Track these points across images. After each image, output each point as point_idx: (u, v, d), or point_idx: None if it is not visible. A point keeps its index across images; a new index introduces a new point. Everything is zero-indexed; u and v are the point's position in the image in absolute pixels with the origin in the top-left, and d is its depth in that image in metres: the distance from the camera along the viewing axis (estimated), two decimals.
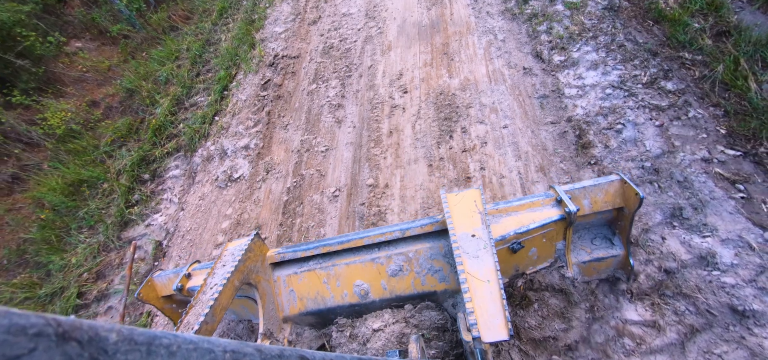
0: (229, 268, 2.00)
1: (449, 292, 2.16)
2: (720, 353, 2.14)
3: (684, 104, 3.13)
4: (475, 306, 1.58)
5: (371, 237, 2.21)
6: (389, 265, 2.20)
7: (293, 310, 2.32)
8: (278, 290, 2.35)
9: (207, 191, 4.53)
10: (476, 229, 1.88)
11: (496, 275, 1.67)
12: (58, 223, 5.01)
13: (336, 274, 2.26)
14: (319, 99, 4.71)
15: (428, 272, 2.17)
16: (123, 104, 6.58)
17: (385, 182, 3.59)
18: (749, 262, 2.34)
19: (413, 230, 2.18)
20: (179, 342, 0.46)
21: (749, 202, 2.57)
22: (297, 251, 2.31)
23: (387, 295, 2.21)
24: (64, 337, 0.35)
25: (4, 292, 4.54)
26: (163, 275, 2.63)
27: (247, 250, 2.15)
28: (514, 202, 2.18)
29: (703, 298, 2.30)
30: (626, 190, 2.06)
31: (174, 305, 2.70)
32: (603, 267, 2.35)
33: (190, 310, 1.88)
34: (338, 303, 2.26)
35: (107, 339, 0.38)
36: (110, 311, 4.12)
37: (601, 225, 2.35)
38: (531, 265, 2.30)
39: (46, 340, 0.34)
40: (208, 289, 1.95)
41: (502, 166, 3.31)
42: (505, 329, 1.50)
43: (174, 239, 4.29)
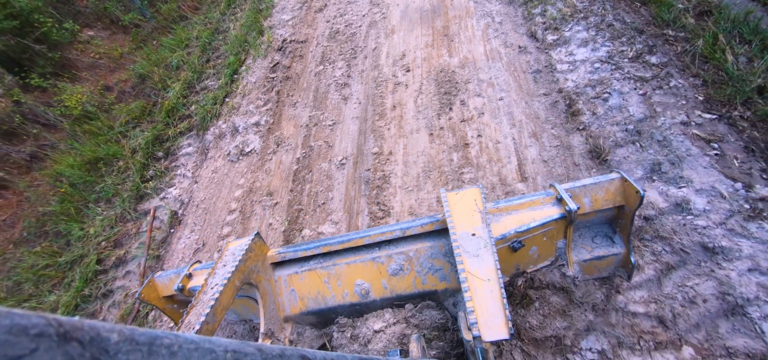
0: (230, 268, 2.00)
1: (450, 291, 2.16)
2: (692, 285, 2.40)
3: (666, 75, 3.39)
4: (476, 305, 1.58)
5: (372, 236, 2.22)
6: (390, 265, 2.19)
7: (294, 310, 2.32)
8: (279, 290, 2.35)
9: (219, 165, 4.79)
10: (476, 228, 1.88)
11: (497, 274, 1.67)
12: (77, 197, 5.26)
13: (337, 274, 2.26)
14: (326, 79, 4.97)
15: (429, 271, 2.17)
16: (135, 89, 6.84)
17: (389, 150, 3.84)
18: (720, 207, 2.59)
19: (413, 229, 2.18)
20: (180, 342, 0.46)
21: (722, 158, 2.82)
22: (297, 251, 2.32)
23: (388, 295, 2.21)
24: (66, 338, 0.35)
25: (27, 260, 4.79)
26: (164, 275, 2.64)
27: (248, 250, 2.15)
28: (514, 201, 2.18)
29: (677, 239, 2.55)
30: (627, 188, 2.05)
31: (175, 305, 2.71)
32: (604, 265, 2.35)
33: (191, 310, 1.87)
34: (339, 302, 2.26)
35: (108, 339, 0.38)
36: (128, 276, 4.37)
37: (601, 223, 2.34)
38: (532, 264, 2.29)
39: (47, 341, 0.33)
40: (209, 289, 1.94)
41: (498, 133, 3.56)
42: (506, 328, 1.50)
43: (189, 208, 4.54)
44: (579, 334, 2.34)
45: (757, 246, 2.41)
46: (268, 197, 4.05)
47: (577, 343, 2.31)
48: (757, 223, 2.50)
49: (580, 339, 2.32)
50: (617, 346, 2.34)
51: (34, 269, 4.68)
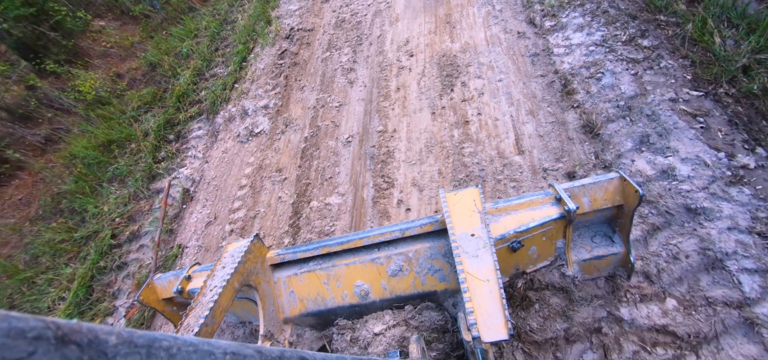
0: (229, 270, 2.00)
1: (449, 291, 2.16)
2: (676, 243, 2.58)
3: (657, 57, 3.57)
4: (475, 305, 1.58)
5: (371, 237, 2.21)
6: (389, 265, 2.19)
7: (294, 312, 2.32)
8: (278, 291, 2.34)
9: (229, 146, 4.98)
10: (475, 228, 1.88)
11: (496, 274, 1.67)
12: (91, 176, 5.46)
13: (336, 275, 2.25)
14: (332, 64, 5.16)
15: (428, 272, 2.16)
16: (146, 76, 7.04)
17: (393, 128, 4.03)
18: (703, 174, 2.77)
19: (413, 230, 2.18)
20: (179, 344, 0.46)
21: (707, 131, 3.00)
22: (297, 252, 2.31)
23: (387, 296, 2.21)
24: (64, 341, 0.34)
25: (44, 235, 4.99)
26: (164, 278, 2.63)
27: (247, 251, 2.14)
28: (513, 201, 2.18)
29: (663, 203, 2.73)
30: (626, 187, 2.05)
31: (174, 308, 2.69)
32: (603, 265, 2.35)
33: (190, 313, 1.87)
34: (338, 304, 2.25)
35: (107, 342, 0.38)
36: (142, 249, 4.56)
37: (601, 223, 2.34)
38: (531, 264, 2.29)
39: (45, 344, 0.33)
40: (207, 291, 1.94)
41: (497, 111, 3.75)
42: (505, 329, 1.49)
43: (200, 186, 4.73)
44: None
45: (737, 207, 2.59)
46: (278, 173, 4.24)
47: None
48: (737, 187, 2.68)
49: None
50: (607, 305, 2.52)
51: (51, 243, 4.87)
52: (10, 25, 6.46)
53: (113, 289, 4.32)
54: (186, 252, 4.15)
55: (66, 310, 4.20)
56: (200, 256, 4.02)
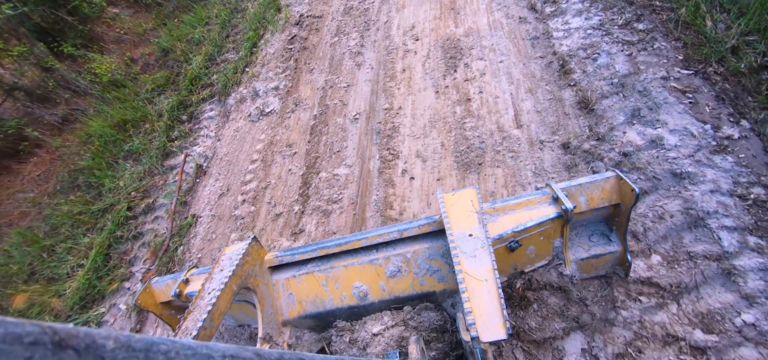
0: (227, 273, 2.00)
1: (448, 292, 2.16)
2: (662, 204, 2.77)
3: (651, 39, 3.76)
4: (473, 306, 1.59)
5: (369, 238, 2.22)
6: (388, 266, 2.19)
7: (292, 314, 2.32)
8: (277, 294, 2.34)
9: (241, 125, 5.19)
10: (473, 228, 1.89)
11: (494, 274, 1.67)
12: (107, 153, 5.68)
13: (334, 277, 2.25)
14: (341, 48, 5.37)
15: (427, 272, 2.17)
16: (159, 61, 7.27)
17: (398, 106, 4.23)
18: (689, 143, 2.96)
19: (411, 231, 2.18)
20: (177, 348, 0.46)
21: (695, 106, 3.18)
22: (295, 254, 2.31)
23: (386, 297, 2.21)
24: (61, 345, 0.34)
25: (63, 207, 5.22)
26: (161, 281, 2.62)
27: (245, 254, 2.14)
28: (510, 201, 2.19)
29: (651, 169, 2.92)
30: (622, 186, 2.06)
31: (172, 311, 2.69)
32: (601, 264, 2.36)
33: (188, 316, 1.87)
34: (337, 305, 2.26)
35: (104, 346, 0.38)
36: (157, 220, 4.77)
37: (598, 222, 2.35)
38: (529, 264, 2.30)
39: (42, 349, 0.33)
40: (206, 294, 1.94)
41: (498, 89, 3.94)
42: (504, 328, 1.50)
43: (213, 162, 4.95)
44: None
45: (720, 173, 2.77)
46: (288, 148, 4.44)
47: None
48: (721, 156, 2.86)
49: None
50: None
51: (70, 215, 5.10)
52: (29, 9, 6.70)
53: (129, 257, 4.54)
54: (200, 221, 4.37)
55: (85, 276, 4.42)
56: (213, 225, 4.23)
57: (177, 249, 4.24)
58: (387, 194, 3.55)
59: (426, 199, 3.41)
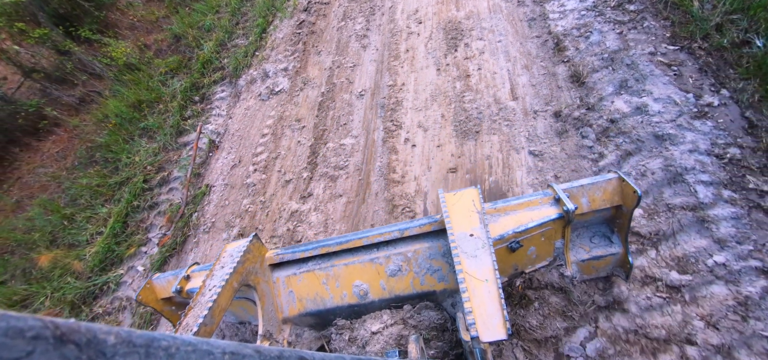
0: (228, 270, 2.01)
1: (448, 291, 2.16)
2: (644, 163, 2.99)
3: (641, 19, 3.98)
4: (474, 305, 1.59)
5: (370, 237, 2.23)
6: (388, 265, 2.20)
7: (292, 311, 2.33)
8: (277, 291, 2.35)
9: (251, 104, 5.45)
10: (474, 228, 1.89)
11: (494, 274, 1.67)
12: (123, 131, 5.95)
13: (335, 275, 2.26)
14: (347, 32, 5.62)
15: (427, 272, 2.17)
16: (171, 47, 7.54)
17: (402, 82, 4.48)
18: (672, 110, 3.18)
19: (412, 230, 2.19)
20: (178, 344, 0.46)
21: (680, 77, 3.41)
22: (296, 252, 2.32)
23: (386, 296, 2.22)
24: (62, 340, 0.35)
25: (82, 180, 5.49)
26: (162, 277, 2.64)
27: (246, 251, 2.15)
28: (512, 201, 2.19)
29: (635, 132, 3.15)
30: (624, 188, 2.06)
31: (173, 307, 2.71)
32: (602, 265, 2.36)
33: (188, 312, 1.87)
34: (337, 304, 2.26)
35: (105, 341, 0.38)
36: (172, 191, 5.03)
37: (599, 223, 2.35)
38: (530, 264, 2.30)
39: (43, 343, 0.33)
40: (206, 291, 1.94)
41: (495, 66, 4.17)
42: (504, 328, 1.50)
43: (225, 137, 5.21)
44: None
45: (698, 135, 3.00)
46: (297, 122, 4.69)
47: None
48: (701, 120, 3.08)
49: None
50: None
51: (88, 186, 5.37)
52: None
53: (146, 224, 4.80)
54: (213, 190, 4.62)
55: (104, 241, 4.68)
56: (226, 193, 4.49)
57: (192, 215, 4.50)
58: (390, 160, 3.79)
59: (426, 163, 3.65)
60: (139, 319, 3.88)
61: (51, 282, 4.58)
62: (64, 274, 4.60)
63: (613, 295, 2.49)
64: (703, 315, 2.36)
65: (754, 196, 2.67)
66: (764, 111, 3.01)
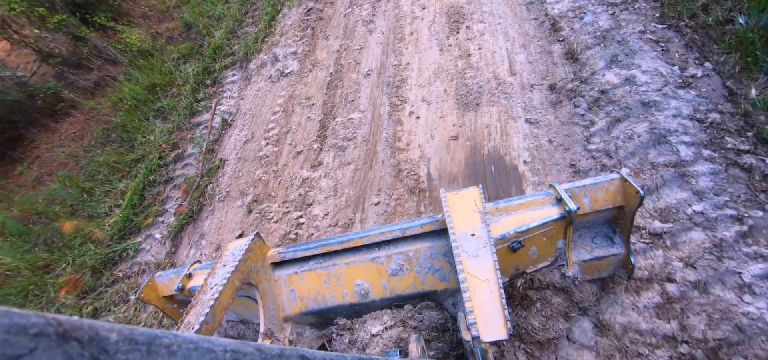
0: (230, 268, 2.01)
1: (449, 291, 2.16)
2: (632, 128, 3.23)
3: (632, 1, 4.23)
4: (475, 305, 1.59)
5: (371, 236, 2.23)
6: (389, 265, 2.20)
7: (294, 310, 2.33)
8: (279, 290, 2.36)
9: (262, 85, 5.70)
10: (476, 228, 1.89)
11: (496, 274, 1.68)
12: (138, 112, 6.21)
13: (336, 274, 2.26)
14: (354, 17, 5.88)
15: (428, 271, 2.17)
16: (182, 35, 7.81)
17: (406, 62, 4.73)
18: (658, 81, 3.43)
19: (413, 229, 2.19)
20: (180, 341, 0.47)
21: (667, 52, 3.65)
22: (297, 251, 2.33)
23: (387, 295, 2.22)
24: (65, 337, 0.35)
25: (99, 157, 5.75)
26: (164, 275, 2.65)
27: (248, 250, 2.16)
28: (513, 201, 2.18)
29: (624, 101, 3.39)
30: (627, 188, 2.06)
31: (175, 305, 2.73)
32: (604, 266, 2.35)
33: (190, 310, 1.88)
34: (338, 303, 2.26)
35: (108, 338, 0.39)
36: (187, 167, 5.28)
37: (601, 223, 2.35)
38: (531, 264, 2.30)
39: (46, 340, 0.34)
40: (208, 289, 1.95)
41: (495, 45, 4.43)
42: (505, 328, 1.50)
43: (237, 116, 5.46)
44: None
45: (682, 102, 3.24)
46: (306, 100, 4.95)
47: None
48: (685, 90, 3.33)
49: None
50: (575, 172, 3.19)
51: (106, 163, 5.62)
52: None
53: (162, 197, 5.05)
54: (227, 163, 4.88)
55: (122, 212, 4.93)
56: (239, 166, 4.74)
57: (207, 186, 4.75)
58: (396, 131, 4.04)
59: (430, 133, 3.89)
60: None
61: (72, 250, 4.83)
62: (84, 243, 4.85)
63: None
64: (682, 257, 2.61)
65: (731, 155, 2.91)
66: (743, 81, 3.26)
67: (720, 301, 2.38)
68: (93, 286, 4.45)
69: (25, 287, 4.68)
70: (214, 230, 4.22)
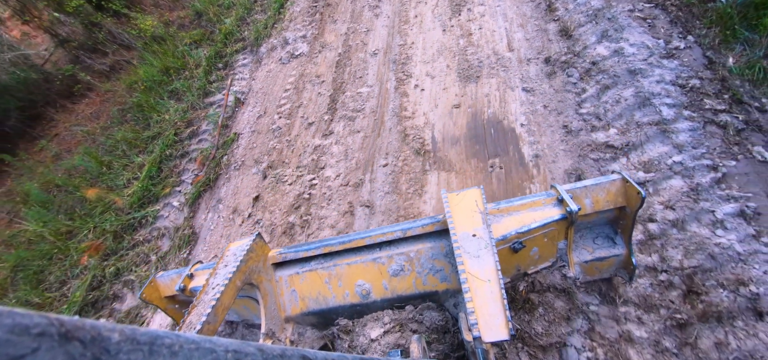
0: (231, 269, 2.02)
1: (451, 291, 2.16)
2: (619, 93, 3.53)
3: None
4: (476, 306, 1.59)
5: (372, 237, 2.23)
6: (390, 265, 2.20)
7: (295, 310, 2.33)
8: (280, 290, 2.35)
9: (273, 67, 5.99)
10: (477, 228, 1.89)
11: (497, 275, 1.68)
12: (153, 93, 6.49)
13: (337, 274, 2.26)
14: (360, 2, 6.18)
15: (429, 272, 2.17)
16: (193, 23, 8.10)
17: (411, 41, 5.03)
18: (643, 51, 3.73)
19: (414, 230, 2.19)
20: (181, 341, 0.47)
21: (653, 28, 3.96)
22: (299, 251, 2.33)
23: (388, 295, 2.22)
24: (67, 337, 0.35)
25: (116, 134, 6.02)
26: (166, 276, 2.65)
27: (249, 250, 2.16)
28: (515, 202, 2.18)
29: (613, 69, 3.70)
30: (628, 189, 2.06)
31: (177, 305, 2.73)
32: (605, 266, 2.35)
33: (192, 310, 1.88)
34: (340, 303, 2.26)
35: (110, 339, 0.39)
36: (202, 142, 5.55)
37: (603, 224, 2.34)
38: (533, 265, 2.30)
39: (48, 340, 0.34)
40: (210, 290, 1.95)
41: (494, 25, 4.73)
42: (506, 329, 1.50)
43: (249, 95, 5.74)
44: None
45: (665, 70, 3.54)
46: (317, 78, 5.24)
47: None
48: (668, 59, 3.63)
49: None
50: (567, 132, 3.48)
51: (124, 139, 5.90)
52: None
53: (179, 169, 5.33)
54: (241, 137, 5.16)
55: (141, 183, 5.20)
56: (253, 138, 5.01)
57: (222, 157, 5.02)
58: (402, 102, 4.34)
59: (434, 102, 4.19)
60: (178, 240, 4.40)
61: (93, 218, 5.10)
62: (105, 212, 5.12)
63: None
64: (662, 201, 2.90)
65: (709, 114, 3.21)
66: (722, 51, 3.56)
67: (695, 236, 2.68)
68: (115, 249, 4.72)
69: (49, 251, 4.95)
70: (231, 195, 4.49)
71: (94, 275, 4.52)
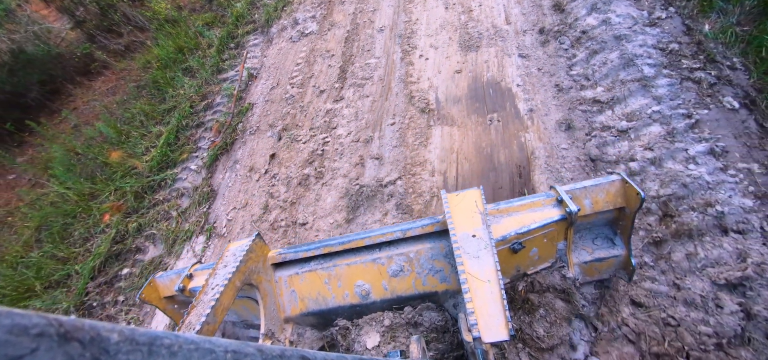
0: (231, 269, 2.02)
1: (450, 292, 2.17)
2: (606, 56, 3.90)
3: None
4: (476, 306, 1.60)
5: (372, 237, 2.23)
6: (390, 266, 2.20)
7: (294, 311, 2.33)
8: (280, 291, 2.36)
9: (284, 45, 6.33)
10: (477, 229, 1.90)
11: (497, 275, 1.68)
12: (168, 70, 6.81)
13: (337, 275, 2.26)
14: None
15: (429, 272, 2.17)
16: (204, 7, 8.44)
17: (416, 18, 5.39)
18: (629, 21, 4.11)
19: (414, 230, 2.19)
20: (181, 342, 0.47)
21: (638, 1, 4.34)
22: (298, 252, 2.33)
23: (388, 296, 2.22)
24: (66, 338, 0.35)
25: (134, 107, 6.33)
26: (165, 276, 2.65)
27: (249, 250, 2.16)
28: (514, 203, 2.19)
29: (600, 37, 4.07)
30: (627, 190, 2.07)
31: (176, 306, 2.73)
32: (604, 267, 2.36)
33: (191, 311, 1.88)
34: (339, 303, 2.26)
35: (109, 339, 0.39)
36: (216, 113, 5.87)
37: (602, 225, 2.35)
38: (532, 266, 2.31)
39: (47, 341, 0.34)
40: (209, 290, 1.95)
41: (493, 2, 5.10)
42: (506, 329, 1.50)
43: (262, 70, 6.08)
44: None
45: (648, 36, 3.92)
46: (327, 52, 5.58)
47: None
48: (651, 27, 4.01)
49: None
50: (559, 90, 3.85)
51: (141, 110, 6.20)
52: None
53: (195, 138, 5.65)
54: (255, 106, 5.48)
55: (159, 149, 5.51)
56: (267, 107, 5.34)
57: (238, 124, 5.35)
58: (408, 70, 4.69)
59: (437, 69, 4.54)
60: (197, 197, 4.71)
61: (114, 181, 5.40)
62: (125, 175, 5.42)
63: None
64: (643, 144, 3.26)
65: (685, 72, 3.58)
66: (699, 19, 3.94)
67: (671, 171, 3.03)
68: (136, 207, 5.02)
69: (73, 211, 5.25)
70: (247, 156, 4.82)
71: (117, 230, 4.82)
